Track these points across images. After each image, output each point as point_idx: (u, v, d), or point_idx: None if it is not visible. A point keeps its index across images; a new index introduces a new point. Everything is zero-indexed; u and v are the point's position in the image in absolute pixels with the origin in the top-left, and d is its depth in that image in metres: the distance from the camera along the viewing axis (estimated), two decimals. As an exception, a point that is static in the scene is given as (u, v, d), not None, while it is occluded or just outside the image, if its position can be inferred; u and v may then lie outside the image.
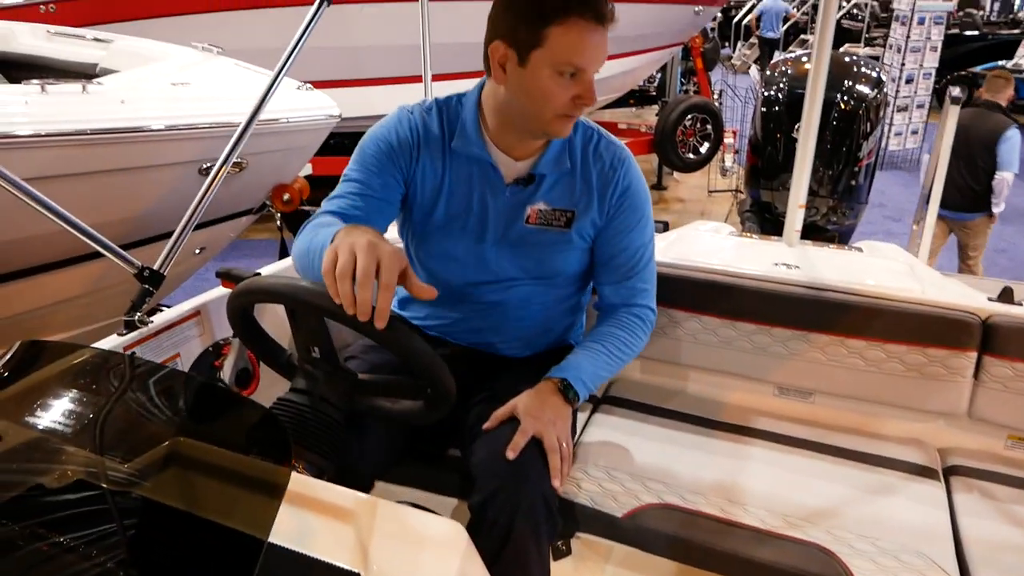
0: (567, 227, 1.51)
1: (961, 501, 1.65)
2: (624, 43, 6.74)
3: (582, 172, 1.50)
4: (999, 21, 13.91)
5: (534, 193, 1.49)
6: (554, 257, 1.53)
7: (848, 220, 3.28)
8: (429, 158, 1.46)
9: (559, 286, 1.61)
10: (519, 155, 1.47)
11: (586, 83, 1.31)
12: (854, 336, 1.80)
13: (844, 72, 3.17)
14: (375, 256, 0.98)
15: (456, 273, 1.56)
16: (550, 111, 1.33)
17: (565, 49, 1.27)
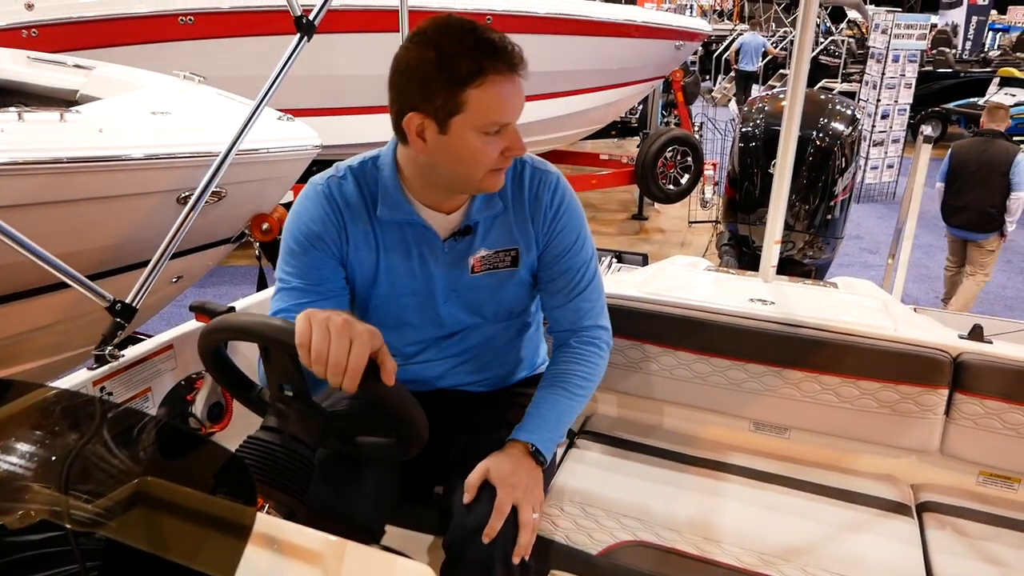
0: (514, 265, 1.49)
1: (934, 538, 1.65)
2: (606, 76, 6.85)
3: (515, 206, 1.46)
4: (971, 59, 14.25)
5: (472, 243, 1.45)
6: (506, 297, 1.52)
7: (824, 254, 3.32)
8: (358, 231, 1.41)
9: (517, 317, 1.61)
10: (448, 209, 1.42)
11: (512, 135, 1.28)
12: (828, 372, 1.81)
13: (820, 110, 3.23)
14: (348, 338, 1.02)
15: (413, 336, 1.54)
16: (481, 170, 1.29)
17: (487, 110, 1.22)
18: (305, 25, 1.77)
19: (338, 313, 1.06)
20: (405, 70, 1.24)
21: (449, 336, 1.55)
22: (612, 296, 2.01)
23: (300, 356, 1.05)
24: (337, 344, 1.02)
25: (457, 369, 1.61)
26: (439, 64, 1.20)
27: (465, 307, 1.50)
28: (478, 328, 1.56)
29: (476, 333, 1.57)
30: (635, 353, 1.97)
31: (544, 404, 1.49)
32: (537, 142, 7.18)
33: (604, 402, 2.13)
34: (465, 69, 1.20)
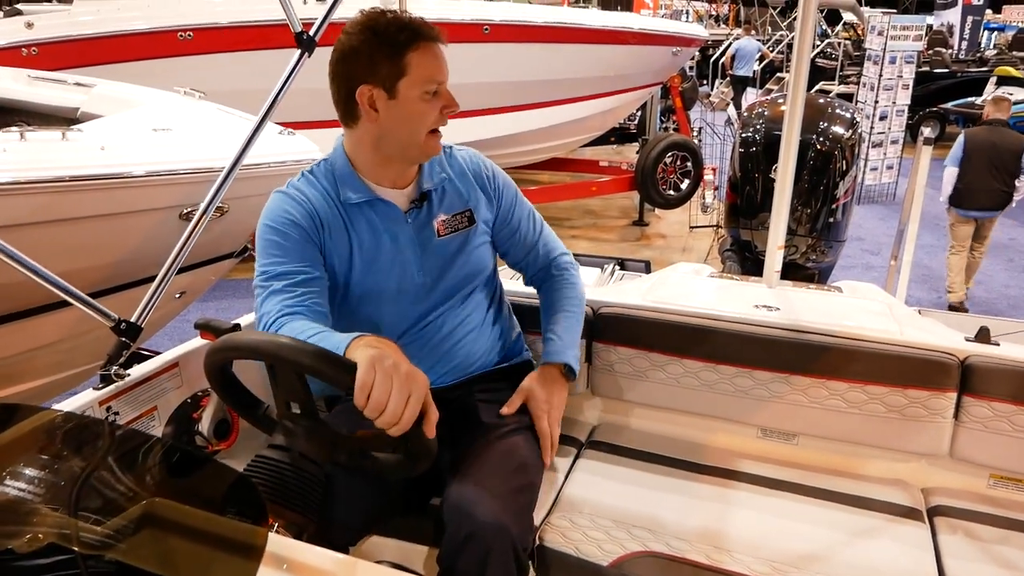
0: (472, 223, 1.65)
1: (946, 542, 1.64)
2: (603, 83, 6.87)
3: (458, 175, 1.66)
4: (967, 59, 14.27)
5: (431, 209, 1.60)
6: (472, 256, 1.65)
7: (827, 258, 3.32)
8: (330, 221, 1.51)
9: (484, 290, 1.71)
10: (402, 184, 1.58)
11: (447, 94, 1.47)
12: (835, 378, 1.80)
13: (819, 114, 3.23)
14: (408, 391, 1.07)
15: (397, 313, 1.59)
16: (424, 129, 1.47)
17: (427, 69, 1.43)
18: (306, 41, 1.77)
19: (400, 358, 1.10)
20: (346, 56, 1.43)
21: (428, 314, 1.61)
22: (616, 305, 2.00)
23: (356, 399, 1.06)
24: (398, 397, 1.06)
25: (440, 360, 1.65)
26: (378, 40, 1.40)
27: (438, 272, 1.60)
28: (453, 306, 1.64)
29: (452, 313, 1.64)
30: (641, 362, 1.96)
31: (557, 327, 1.74)
32: (536, 150, 7.20)
33: (611, 412, 2.12)
34: (402, 37, 1.41)
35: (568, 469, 1.88)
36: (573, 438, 2.02)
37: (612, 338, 1.97)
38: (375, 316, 1.59)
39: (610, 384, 2.02)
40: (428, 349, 1.64)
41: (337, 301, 1.56)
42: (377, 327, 1.59)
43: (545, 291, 1.83)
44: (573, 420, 2.11)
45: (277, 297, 1.40)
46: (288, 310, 1.38)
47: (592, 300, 2.02)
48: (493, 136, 6.34)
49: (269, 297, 1.40)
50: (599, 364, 2.01)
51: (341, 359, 1.09)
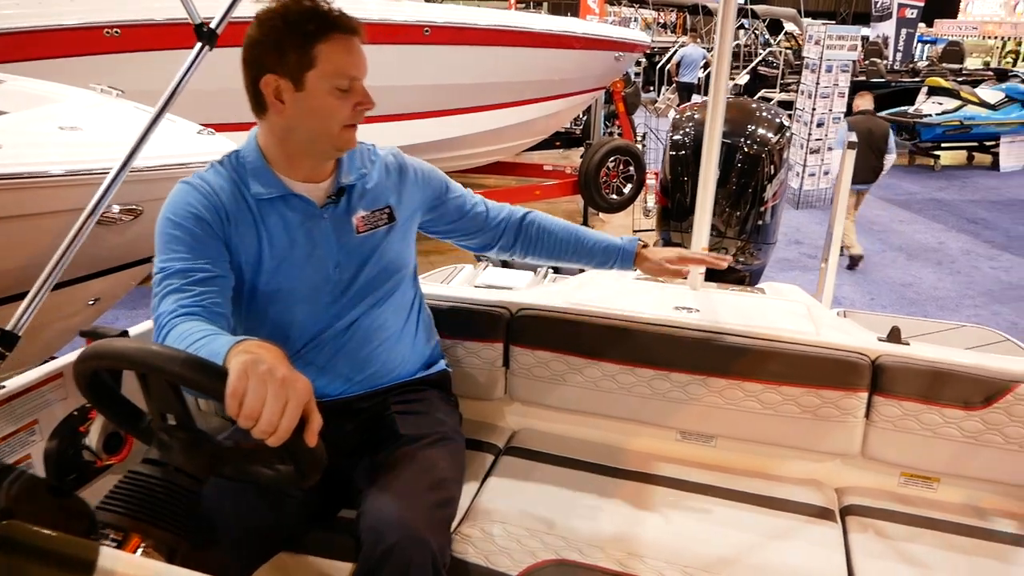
0: (392, 220, 1.59)
1: (857, 542, 1.65)
2: (547, 87, 6.87)
3: (379, 170, 1.61)
4: (901, 70, 14.76)
5: (350, 204, 1.54)
6: (391, 254, 1.59)
7: (757, 260, 3.34)
8: (237, 216, 1.44)
9: (403, 294, 1.65)
10: (318, 178, 1.51)
11: (361, 90, 1.41)
12: (750, 379, 1.80)
13: (748, 117, 3.26)
14: (285, 398, 0.98)
15: (310, 314, 1.53)
16: (336, 124, 1.40)
17: (337, 63, 1.36)
18: (206, 34, 1.70)
19: (277, 363, 1.01)
20: (254, 43, 1.36)
21: (342, 317, 1.55)
22: (536, 308, 1.97)
23: (228, 408, 0.97)
24: (273, 405, 0.97)
25: (354, 365, 1.59)
26: (287, 28, 1.34)
27: (355, 270, 1.54)
28: (369, 308, 1.58)
29: (369, 315, 1.58)
30: (559, 366, 1.93)
31: (590, 234, 1.82)
32: (481, 153, 7.16)
33: (529, 417, 2.09)
34: (312, 27, 1.34)
35: (483, 476, 1.84)
36: (491, 444, 1.98)
37: (530, 341, 1.94)
38: (286, 317, 1.52)
39: (528, 388, 1.99)
40: (343, 355, 1.57)
41: (244, 300, 1.48)
42: (288, 328, 1.52)
43: (536, 236, 1.80)
44: (491, 426, 2.07)
45: (173, 296, 1.31)
46: (183, 311, 1.29)
47: (510, 302, 1.99)
48: (436, 139, 6.27)
49: (166, 297, 1.31)
50: (517, 368, 1.97)
51: (212, 366, 1.02)
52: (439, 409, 1.69)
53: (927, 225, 8.23)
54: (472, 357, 1.99)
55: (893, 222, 8.30)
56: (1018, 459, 1.67)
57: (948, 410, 1.68)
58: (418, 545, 1.31)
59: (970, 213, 8.82)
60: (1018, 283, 6.35)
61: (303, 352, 1.55)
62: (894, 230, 7.97)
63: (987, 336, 2.82)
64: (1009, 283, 6.35)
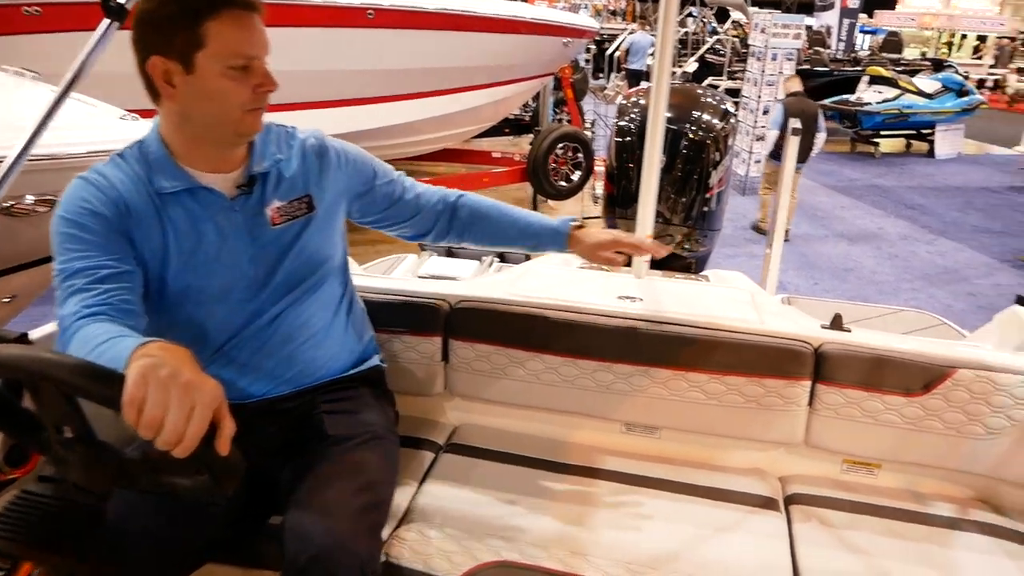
0: (311, 210, 1.49)
1: (800, 531, 1.64)
2: (495, 72, 6.79)
3: (297, 156, 1.49)
4: (843, 59, 15.04)
5: (263, 194, 1.43)
6: (312, 247, 1.50)
7: (703, 247, 3.32)
8: (139, 211, 1.33)
9: (330, 288, 1.56)
10: (227, 167, 1.40)
11: (262, 71, 1.30)
12: (694, 369, 1.77)
13: (693, 103, 3.23)
14: (191, 403, 0.90)
15: (225, 313, 1.43)
16: (236, 108, 1.29)
17: (229, 41, 1.25)
18: (115, 9, 1.58)
19: (181, 366, 0.92)
20: (142, 20, 1.25)
21: (263, 312, 1.46)
22: (475, 300, 1.90)
23: (125, 415, 0.89)
24: (177, 412, 0.89)
25: (277, 365, 1.50)
26: (176, 4, 1.23)
27: (273, 266, 1.45)
28: (292, 302, 1.48)
29: (292, 310, 1.48)
30: (500, 359, 1.87)
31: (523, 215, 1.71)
32: (428, 140, 7.05)
33: (470, 412, 2.02)
34: (201, 3, 1.23)
35: (422, 476, 1.77)
36: (430, 442, 1.91)
37: (470, 334, 1.87)
38: (200, 316, 1.41)
39: (469, 383, 1.92)
40: (264, 353, 1.48)
41: (154, 299, 1.37)
42: (204, 326, 1.42)
43: (468, 220, 1.70)
44: (431, 422, 2.00)
45: (77, 297, 1.19)
46: (88, 311, 1.18)
47: (448, 294, 1.91)
48: (382, 126, 6.14)
49: (69, 298, 1.20)
50: (456, 362, 1.91)
51: (104, 372, 0.92)
52: (371, 407, 1.61)
53: (867, 211, 8.42)
54: (409, 351, 1.91)
55: (836, 208, 8.47)
56: (955, 444, 1.68)
57: (889, 397, 1.68)
58: (345, 553, 1.25)
59: (908, 199, 9.05)
60: (952, 267, 6.53)
61: (223, 351, 1.46)
62: (837, 216, 8.13)
63: (925, 320, 2.86)
64: (944, 267, 6.53)
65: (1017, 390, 1.60)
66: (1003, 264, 6.63)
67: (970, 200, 9.09)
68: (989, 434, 1.64)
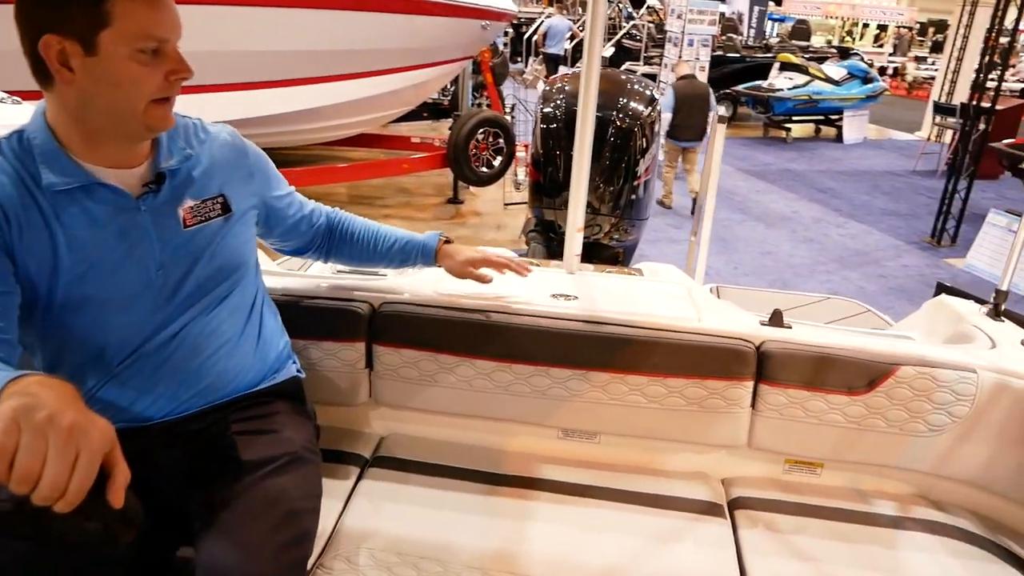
0: (225, 212, 1.36)
1: (746, 537, 1.58)
2: (413, 55, 6.57)
3: (209, 152, 1.36)
4: (755, 46, 15.42)
5: (174, 192, 1.28)
6: (227, 251, 1.37)
7: (631, 236, 3.28)
8: (21, 214, 1.15)
9: (242, 294, 1.42)
10: (131, 163, 1.24)
11: (174, 55, 1.16)
12: (634, 372, 1.68)
13: (619, 90, 3.16)
14: (75, 449, 0.76)
15: (127, 326, 1.26)
16: (143, 97, 1.14)
17: (139, 20, 1.10)
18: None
19: (62, 405, 0.77)
20: None
21: (171, 323, 1.30)
22: (400, 302, 1.76)
23: None
24: (58, 461, 0.75)
25: (186, 380, 1.34)
26: None
27: (185, 272, 1.30)
28: (202, 319, 1.33)
29: (200, 326, 1.33)
30: (429, 365, 1.74)
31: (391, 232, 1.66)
32: (344, 125, 6.79)
33: (398, 421, 1.88)
34: None
35: (347, 496, 1.62)
36: (355, 455, 1.76)
37: (395, 339, 1.73)
38: (97, 331, 1.23)
39: (395, 391, 1.78)
40: (168, 369, 1.31)
41: (38, 317, 1.19)
42: (99, 344, 1.24)
43: (340, 238, 1.65)
44: (355, 434, 1.85)
45: None
46: None
47: (372, 295, 1.76)
48: (295, 110, 5.85)
49: None
50: (381, 369, 1.76)
51: None
52: (289, 424, 1.46)
53: (782, 195, 8.63)
54: (330, 359, 1.75)
55: (751, 192, 8.65)
56: (898, 442, 1.65)
57: (833, 396, 1.63)
58: None
59: (819, 183, 9.34)
60: (863, 249, 6.75)
61: (123, 367, 1.28)
62: (753, 200, 8.30)
63: (850, 308, 2.88)
64: (856, 249, 6.74)
65: (959, 386, 1.58)
66: (910, 246, 6.90)
67: (877, 184, 9.46)
68: (931, 431, 1.62)
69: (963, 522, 1.64)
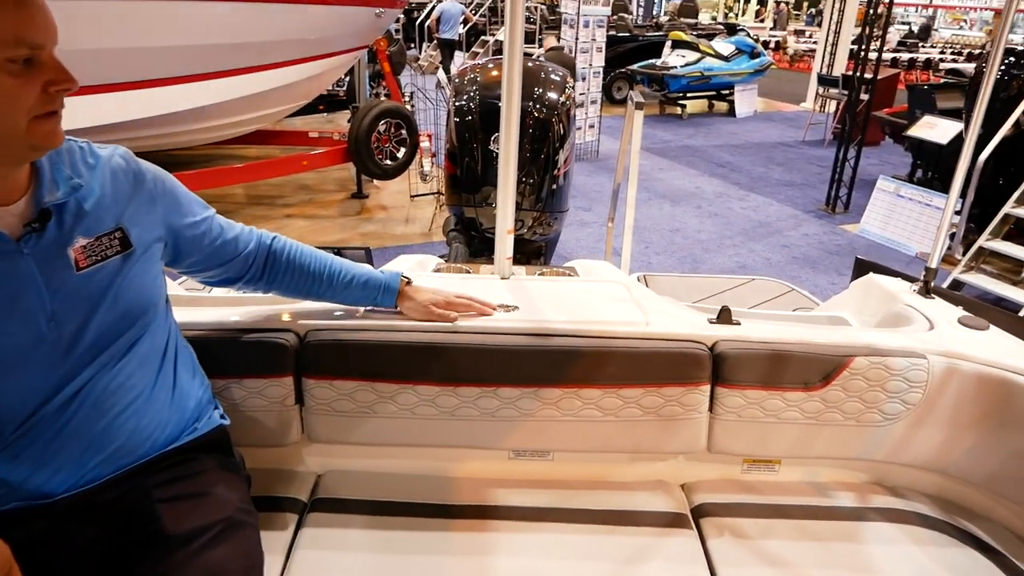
0: (125, 248, 1.19)
1: (715, 548, 1.53)
2: (305, 47, 6.26)
3: (100, 180, 1.18)
4: (646, 25, 15.67)
5: (62, 231, 1.12)
6: (132, 293, 1.20)
7: (553, 229, 3.19)
8: None
9: (152, 338, 1.26)
10: (7, 198, 1.07)
11: (53, 64, 1.01)
12: (587, 385, 1.59)
13: (533, 79, 3.05)
14: None
15: (18, 389, 1.09)
16: (22, 115, 0.99)
17: (5, 24, 0.95)
18: None
19: None
20: None
21: (68, 384, 1.13)
22: (329, 328, 1.60)
23: None
24: None
25: (95, 445, 1.17)
26: None
27: (82, 323, 1.13)
28: (107, 372, 1.16)
29: (106, 381, 1.16)
30: (366, 395, 1.59)
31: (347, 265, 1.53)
32: (235, 123, 6.41)
33: (337, 458, 1.73)
34: None
35: (288, 549, 1.46)
36: (292, 500, 1.60)
37: (327, 371, 1.57)
38: None
39: (331, 426, 1.62)
40: (69, 433, 1.13)
41: None
42: None
43: (286, 267, 1.48)
44: (289, 475, 1.68)
45: None
46: None
47: (297, 323, 1.60)
48: (181, 109, 5.45)
49: None
50: (314, 404, 1.60)
51: None
52: (219, 482, 1.29)
53: (684, 171, 8.80)
54: (255, 398, 1.58)
55: (654, 170, 8.77)
56: (854, 433, 1.63)
57: (790, 393, 1.60)
58: None
59: (718, 158, 9.58)
60: (765, 221, 6.96)
61: (12, 440, 1.11)
62: (656, 178, 8.42)
63: (776, 288, 2.90)
64: (758, 222, 6.94)
65: (911, 373, 1.57)
66: (807, 215, 7.16)
67: (771, 156, 9.78)
68: (886, 420, 1.61)
69: (921, 507, 1.64)
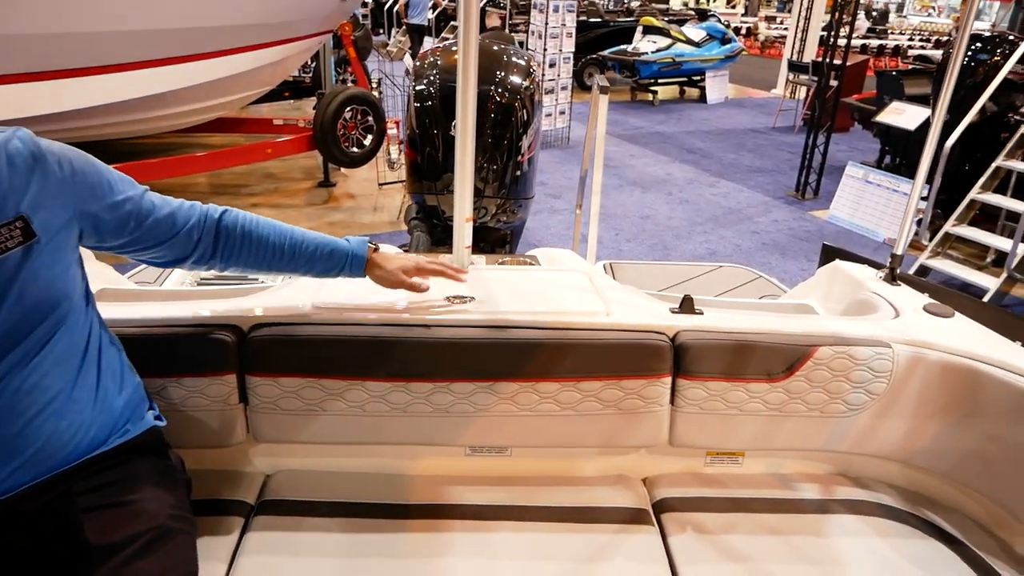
0: (28, 237, 1.12)
1: (676, 544, 1.48)
2: (267, 32, 6.11)
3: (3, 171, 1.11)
4: (617, 10, 15.59)
5: None
6: (39, 285, 1.13)
7: (517, 216, 3.12)
8: None
9: (70, 334, 1.18)
10: None
11: None
12: (544, 379, 1.53)
13: (496, 63, 2.98)
14: None
15: None
16: None
17: None
18: None
19: None
20: None
21: None
22: (274, 322, 1.52)
23: None
24: None
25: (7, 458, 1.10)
26: None
27: None
28: (19, 372, 1.09)
29: (18, 380, 1.09)
30: (313, 392, 1.52)
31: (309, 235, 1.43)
32: (197, 110, 6.24)
33: (285, 457, 1.66)
34: None
35: (232, 555, 1.39)
36: (237, 503, 1.52)
37: (271, 367, 1.49)
38: None
39: (278, 425, 1.55)
40: None
41: None
42: None
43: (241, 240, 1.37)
44: (234, 476, 1.61)
45: None
46: None
47: (239, 316, 1.52)
48: (139, 96, 5.29)
49: None
50: (258, 403, 1.52)
51: None
52: (150, 488, 1.22)
53: (655, 158, 8.77)
54: (196, 397, 1.50)
55: (626, 157, 8.73)
56: (818, 424, 1.60)
57: (753, 384, 1.55)
58: None
59: (689, 144, 9.56)
60: (735, 207, 6.95)
61: None
62: (627, 164, 8.37)
63: (743, 275, 2.87)
64: (728, 208, 6.93)
65: (875, 363, 1.53)
66: (777, 201, 7.17)
67: (741, 142, 9.78)
68: (851, 411, 1.57)
69: (885, 498, 1.61)
